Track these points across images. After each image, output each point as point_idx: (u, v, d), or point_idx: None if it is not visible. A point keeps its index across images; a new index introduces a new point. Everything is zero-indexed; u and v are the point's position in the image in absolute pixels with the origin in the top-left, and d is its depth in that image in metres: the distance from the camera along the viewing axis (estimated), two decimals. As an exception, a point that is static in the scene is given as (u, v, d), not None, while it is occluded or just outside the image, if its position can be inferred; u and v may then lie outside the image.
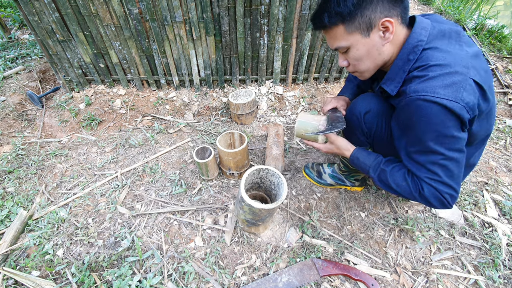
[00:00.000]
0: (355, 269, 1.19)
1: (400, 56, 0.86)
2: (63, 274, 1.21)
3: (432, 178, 0.85)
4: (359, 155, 1.06)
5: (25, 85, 2.34)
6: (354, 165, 1.08)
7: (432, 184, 0.85)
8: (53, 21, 1.80)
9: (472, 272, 1.23)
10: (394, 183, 0.94)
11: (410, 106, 0.80)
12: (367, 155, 1.04)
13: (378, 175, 0.99)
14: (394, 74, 0.89)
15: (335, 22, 0.84)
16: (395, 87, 0.89)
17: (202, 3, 1.75)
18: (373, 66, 0.92)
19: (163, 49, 1.97)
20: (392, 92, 0.90)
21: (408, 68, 0.85)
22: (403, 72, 0.86)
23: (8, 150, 1.85)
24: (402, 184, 0.92)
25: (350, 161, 1.10)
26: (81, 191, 1.57)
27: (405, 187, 0.92)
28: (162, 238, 1.33)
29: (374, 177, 1.01)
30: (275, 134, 1.76)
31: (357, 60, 0.90)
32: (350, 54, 0.90)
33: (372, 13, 0.80)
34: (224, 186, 1.58)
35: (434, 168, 0.84)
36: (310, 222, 1.39)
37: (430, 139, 0.81)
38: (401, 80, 0.87)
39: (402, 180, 0.92)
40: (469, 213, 1.46)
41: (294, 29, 1.91)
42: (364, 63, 0.91)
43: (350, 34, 0.84)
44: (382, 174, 0.98)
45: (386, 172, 0.96)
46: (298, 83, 2.27)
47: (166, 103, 2.17)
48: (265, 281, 1.16)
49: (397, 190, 0.94)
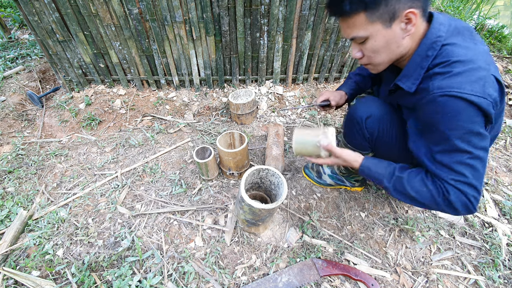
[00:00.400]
0: (355, 269, 1.19)
1: (418, 52, 0.82)
2: (63, 274, 1.21)
3: (458, 180, 0.79)
4: (369, 165, 0.97)
5: (25, 85, 2.34)
6: (365, 176, 0.99)
7: (459, 186, 0.79)
8: (53, 21, 1.80)
9: (472, 272, 1.23)
10: (413, 190, 0.86)
11: (434, 103, 0.76)
12: (378, 163, 0.97)
13: (394, 184, 0.91)
14: (411, 71, 0.84)
15: (357, 9, 0.77)
16: (412, 84, 0.85)
17: (202, 3, 1.75)
18: (389, 59, 0.87)
19: (163, 49, 1.97)
20: (409, 89, 0.85)
21: (427, 64, 0.81)
22: (420, 69, 0.82)
23: (8, 150, 1.85)
24: (422, 190, 0.84)
25: (360, 172, 1.00)
26: (81, 191, 1.57)
27: (425, 193, 0.84)
28: (162, 238, 1.33)
29: (389, 187, 0.92)
30: (275, 134, 1.76)
31: (374, 52, 0.84)
32: (367, 45, 0.84)
33: (397, 3, 0.74)
34: (224, 186, 1.58)
35: (461, 168, 0.78)
36: (310, 222, 1.39)
37: (457, 136, 0.76)
38: (419, 77, 0.83)
39: (421, 186, 0.85)
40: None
41: (294, 29, 1.91)
42: (381, 55, 0.85)
43: (371, 24, 0.78)
44: (398, 183, 0.90)
45: (403, 179, 0.88)
46: (298, 83, 2.27)
47: (166, 103, 2.17)
48: (265, 281, 1.16)
49: (417, 197, 0.86)
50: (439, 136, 0.79)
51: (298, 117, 2.10)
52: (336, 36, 2.00)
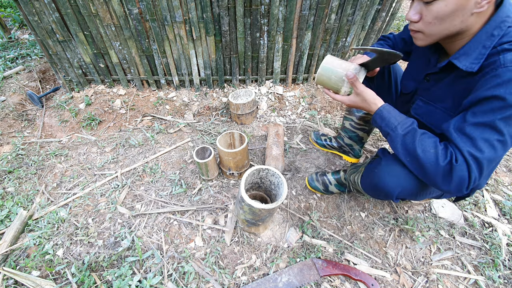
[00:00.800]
0: (355, 269, 1.19)
1: (484, 29, 0.77)
2: (63, 274, 1.21)
3: (473, 154, 0.75)
4: (390, 109, 0.91)
5: (25, 85, 2.34)
6: (378, 120, 0.93)
7: (470, 160, 0.75)
8: (53, 21, 1.80)
9: (472, 272, 1.23)
10: (421, 147, 0.81)
11: (502, 76, 0.72)
12: (398, 113, 0.91)
13: (405, 135, 0.85)
14: (472, 49, 0.79)
15: None
16: (471, 63, 0.79)
17: (202, 3, 1.75)
18: (445, 33, 0.80)
19: (163, 49, 1.97)
20: (469, 68, 0.79)
21: (491, 44, 0.76)
22: (483, 48, 0.77)
23: (8, 150, 1.85)
24: (430, 151, 0.80)
25: (375, 116, 0.93)
26: (81, 191, 1.57)
27: (431, 155, 0.80)
28: (162, 238, 1.33)
29: (400, 134, 0.86)
30: (275, 134, 1.76)
31: (437, 18, 0.77)
32: (433, 8, 0.76)
33: None
34: (224, 186, 1.58)
35: (483, 145, 0.75)
36: (310, 222, 1.39)
37: (503, 116, 0.72)
38: (481, 56, 0.78)
39: (431, 147, 0.80)
40: (469, 213, 1.46)
41: (294, 29, 1.91)
42: (441, 25, 0.78)
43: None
44: (409, 135, 0.84)
45: (416, 133, 0.84)
46: (298, 83, 2.27)
47: (166, 103, 2.17)
48: (265, 281, 1.16)
49: (420, 156, 0.81)
50: (485, 109, 0.74)
51: (298, 117, 2.10)
52: (336, 36, 2.00)
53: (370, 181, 1.04)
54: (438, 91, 0.93)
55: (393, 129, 0.88)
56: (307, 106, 2.17)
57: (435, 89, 0.94)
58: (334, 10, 1.84)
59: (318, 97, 2.21)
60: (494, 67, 0.74)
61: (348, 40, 2.05)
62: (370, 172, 1.05)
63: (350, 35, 2.01)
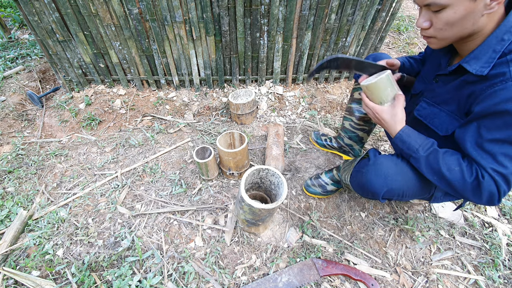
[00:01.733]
0: (355, 269, 1.19)
1: (495, 34, 0.76)
2: (63, 274, 1.21)
3: (497, 170, 0.77)
4: (410, 132, 0.93)
5: (25, 85, 2.34)
6: (399, 143, 0.94)
7: (495, 177, 0.77)
8: (53, 21, 1.80)
9: (472, 272, 1.23)
10: (445, 166, 0.83)
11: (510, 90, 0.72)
12: (418, 134, 0.93)
13: (427, 156, 0.87)
14: (482, 53, 0.79)
15: None
16: (481, 67, 0.79)
17: (202, 3, 1.75)
18: (459, 36, 0.79)
19: (163, 49, 1.97)
20: (479, 72, 0.79)
21: (501, 49, 0.76)
22: (493, 52, 0.77)
23: (8, 150, 1.85)
24: (455, 169, 0.82)
25: (395, 140, 0.95)
26: (81, 191, 1.57)
27: (457, 173, 0.81)
28: (162, 238, 1.33)
29: (422, 156, 0.88)
30: (275, 134, 1.76)
31: (447, 24, 0.77)
32: (443, 15, 0.76)
33: None
34: (224, 186, 1.58)
35: (504, 160, 0.76)
36: (310, 222, 1.39)
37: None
38: (491, 60, 0.77)
39: (455, 165, 0.82)
40: (469, 213, 1.46)
41: (294, 29, 1.91)
42: (452, 30, 0.77)
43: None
44: (432, 155, 0.86)
45: (438, 153, 0.85)
46: (298, 83, 2.27)
47: (166, 103, 2.17)
48: (265, 281, 1.16)
49: (446, 175, 0.83)
50: (501, 125, 0.75)
51: (298, 117, 2.10)
52: (336, 36, 2.00)
53: (358, 181, 1.06)
54: (445, 93, 0.93)
55: (415, 151, 0.90)
56: (307, 106, 2.17)
57: (442, 91, 0.95)
58: (334, 10, 1.84)
59: (318, 97, 2.21)
60: (504, 79, 0.74)
61: (348, 40, 2.05)
62: (358, 171, 1.08)
63: (350, 35, 2.01)
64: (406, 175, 0.98)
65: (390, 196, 1.01)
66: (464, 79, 0.86)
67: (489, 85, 0.77)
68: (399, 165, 0.99)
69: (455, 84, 0.90)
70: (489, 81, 0.78)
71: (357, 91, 1.44)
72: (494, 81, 0.76)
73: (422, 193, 1.05)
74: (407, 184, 0.98)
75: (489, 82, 0.78)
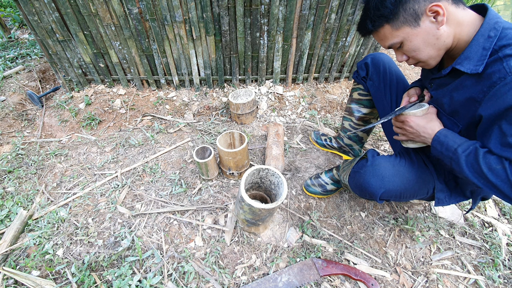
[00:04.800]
0: (355, 269, 1.19)
1: (480, 33, 0.79)
2: (63, 274, 1.21)
3: None
4: (447, 133, 0.90)
5: (25, 85, 2.34)
6: (438, 146, 0.91)
7: None
8: (53, 20, 1.80)
9: (472, 272, 1.23)
10: (487, 166, 0.80)
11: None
12: (456, 134, 0.90)
13: (467, 155, 0.83)
14: (472, 52, 0.81)
15: (379, 24, 0.84)
16: (475, 65, 0.80)
17: (202, 3, 1.75)
18: (436, 51, 0.85)
19: (163, 48, 1.97)
20: (475, 70, 0.80)
21: (491, 46, 0.78)
22: (483, 50, 0.79)
23: (8, 150, 1.85)
24: (497, 168, 0.78)
25: (435, 139, 0.92)
26: (81, 191, 1.57)
27: (500, 171, 0.78)
28: (162, 238, 1.33)
29: (462, 156, 0.84)
30: (275, 134, 1.76)
31: (414, 51, 0.86)
32: (405, 48, 0.86)
33: (415, 4, 0.78)
34: (224, 186, 1.58)
35: None
36: (310, 222, 1.39)
37: None
38: (483, 58, 0.79)
39: (497, 163, 0.78)
40: (469, 213, 1.46)
41: (294, 28, 1.91)
42: (424, 51, 0.85)
43: (398, 30, 0.83)
44: (472, 154, 0.83)
45: (479, 152, 0.82)
46: (298, 83, 2.27)
47: (166, 103, 2.17)
48: (265, 281, 1.16)
49: (487, 175, 0.80)
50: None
51: (298, 117, 2.10)
52: (336, 35, 2.00)
53: (356, 182, 1.07)
54: (441, 97, 0.94)
55: (453, 151, 0.87)
56: (307, 106, 2.17)
57: (438, 95, 0.95)
58: (334, 10, 1.84)
59: (318, 96, 2.21)
60: (502, 76, 0.74)
61: (348, 40, 2.04)
62: (356, 172, 1.09)
63: (350, 35, 2.01)
64: (404, 177, 0.99)
65: (388, 197, 1.02)
66: (459, 82, 0.86)
67: (489, 86, 0.77)
68: (396, 167, 1.00)
69: (450, 87, 0.90)
70: (487, 82, 0.78)
71: (356, 91, 1.44)
72: (492, 80, 0.76)
73: (420, 194, 1.06)
74: (405, 185, 0.99)
75: (487, 82, 0.78)
